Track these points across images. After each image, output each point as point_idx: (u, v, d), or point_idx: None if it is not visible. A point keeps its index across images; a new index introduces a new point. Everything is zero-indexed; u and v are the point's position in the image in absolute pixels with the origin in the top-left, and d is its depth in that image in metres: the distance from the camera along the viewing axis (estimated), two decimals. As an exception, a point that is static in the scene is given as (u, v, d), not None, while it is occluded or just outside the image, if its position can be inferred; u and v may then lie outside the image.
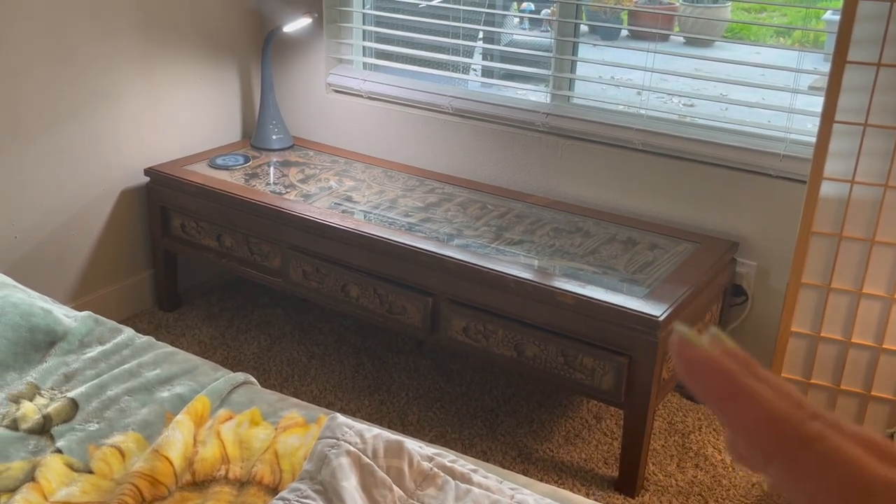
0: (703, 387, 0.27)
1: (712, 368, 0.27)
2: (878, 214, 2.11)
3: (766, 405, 0.26)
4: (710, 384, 0.27)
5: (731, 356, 0.27)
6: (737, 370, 0.27)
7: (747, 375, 0.27)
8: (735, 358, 0.27)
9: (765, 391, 0.26)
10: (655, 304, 1.95)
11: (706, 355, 0.27)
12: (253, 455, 1.41)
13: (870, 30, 2.00)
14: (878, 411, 2.23)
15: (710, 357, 0.27)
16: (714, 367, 0.27)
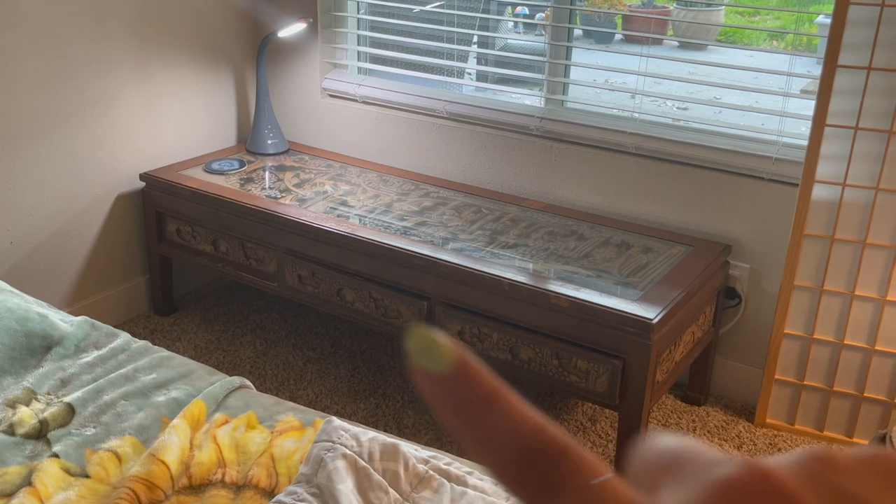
0: (449, 401, 0.23)
1: (465, 380, 0.23)
2: (869, 217, 2.12)
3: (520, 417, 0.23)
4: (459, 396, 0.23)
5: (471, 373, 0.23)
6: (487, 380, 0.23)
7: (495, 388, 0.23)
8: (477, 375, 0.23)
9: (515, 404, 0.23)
10: (649, 307, 1.96)
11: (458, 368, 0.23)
12: (249, 459, 1.42)
13: (861, 34, 2.02)
14: (870, 412, 2.25)
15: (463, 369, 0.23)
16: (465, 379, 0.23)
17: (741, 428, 2.35)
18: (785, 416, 2.34)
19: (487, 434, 0.23)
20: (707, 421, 2.38)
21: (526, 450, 0.23)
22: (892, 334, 2.17)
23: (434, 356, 0.23)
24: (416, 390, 0.23)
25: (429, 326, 0.23)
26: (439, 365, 0.23)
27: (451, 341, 0.23)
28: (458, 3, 2.82)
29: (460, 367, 0.23)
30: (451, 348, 0.23)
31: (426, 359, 0.23)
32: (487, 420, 0.23)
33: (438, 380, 0.23)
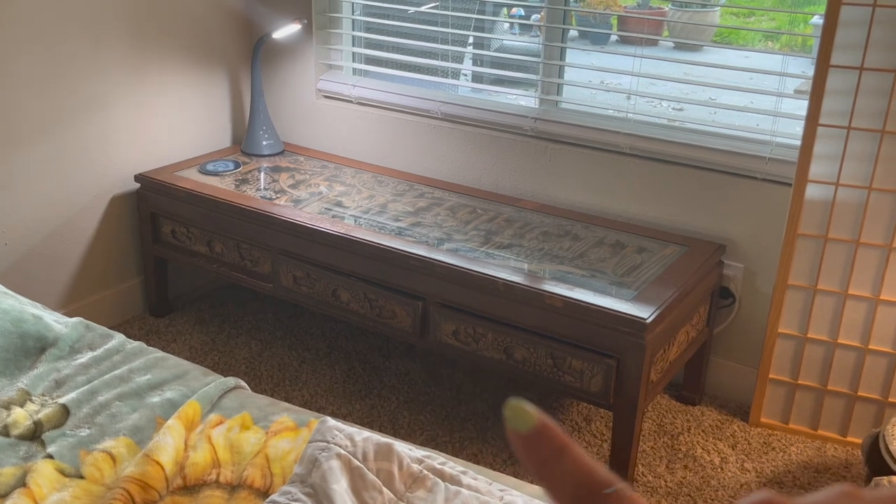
0: (532, 453, 0.30)
1: (542, 436, 0.30)
2: (862, 216, 2.13)
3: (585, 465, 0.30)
4: (538, 448, 0.30)
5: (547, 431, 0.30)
6: (558, 433, 0.30)
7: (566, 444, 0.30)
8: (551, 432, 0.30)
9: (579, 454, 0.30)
10: (643, 306, 1.97)
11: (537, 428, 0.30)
12: (244, 459, 1.42)
13: (853, 34, 2.03)
14: (864, 411, 2.25)
15: (540, 427, 0.30)
16: (542, 435, 0.30)
17: (735, 427, 2.36)
18: (779, 416, 2.35)
19: (557, 475, 0.30)
20: (701, 420, 2.39)
21: (581, 486, 0.29)
22: (886, 333, 2.17)
23: (522, 419, 0.30)
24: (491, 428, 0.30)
25: (520, 399, 0.31)
26: (527, 426, 0.30)
27: (536, 409, 0.31)
28: (453, 5, 2.83)
29: (541, 427, 0.30)
30: (535, 413, 0.31)
31: (517, 421, 0.30)
32: (557, 465, 0.30)
33: (526, 437, 0.30)
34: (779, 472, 2.19)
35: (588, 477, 0.29)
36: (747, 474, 2.18)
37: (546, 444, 0.30)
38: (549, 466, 0.30)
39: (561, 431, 0.30)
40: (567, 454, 0.30)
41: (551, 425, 0.30)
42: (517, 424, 0.30)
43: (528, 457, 0.30)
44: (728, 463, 2.22)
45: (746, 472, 2.19)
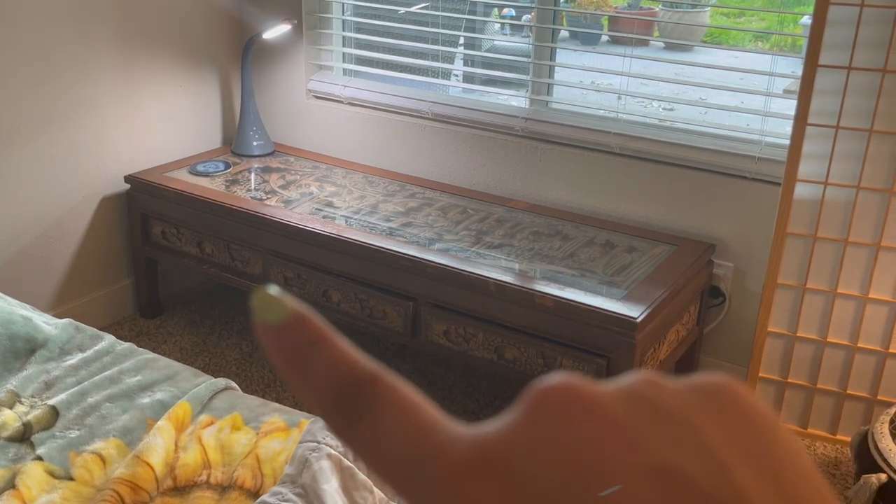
0: (282, 347, 0.26)
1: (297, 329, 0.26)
2: (850, 215, 2.14)
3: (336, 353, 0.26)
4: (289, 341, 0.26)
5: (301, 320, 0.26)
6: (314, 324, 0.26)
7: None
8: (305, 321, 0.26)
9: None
10: (633, 305, 1.97)
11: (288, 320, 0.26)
12: (234, 460, 1.42)
13: (841, 34, 2.04)
14: (853, 409, 2.26)
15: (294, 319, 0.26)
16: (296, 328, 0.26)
17: (726, 426, 2.36)
18: (769, 414, 2.36)
19: (309, 372, 0.25)
20: (692, 419, 2.39)
21: (340, 383, 0.25)
22: (874, 331, 2.19)
23: (272, 309, 0.26)
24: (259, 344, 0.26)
25: (269, 285, 0.26)
26: (276, 317, 0.26)
27: (289, 297, 0.26)
28: (443, 5, 2.83)
29: (293, 317, 0.26)
30: (287, 302, 0.26)
31: (266, 313, 0.26)
32: (311, 360, 0.25)
33: (274, 329, 0.25)
34: (769, 470, 2.20)
35: (347, 373, 0.25)
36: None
37: (300, 337, 0.25)
38: (302, 362, 0.25)
39: (320, 322, 0.26)
40: (323, 346, 0.25)
41: (308, 315, 0.26)
42: (266, 316, 0.25)
43: (276, 352, 0.26)
44: (718, 461, 2.22)
45: (737, 470, 2.19)
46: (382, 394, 0.25)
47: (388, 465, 0.24)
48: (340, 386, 0.25)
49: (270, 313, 0.26)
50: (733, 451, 0.23)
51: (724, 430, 0.24)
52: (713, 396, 0.25)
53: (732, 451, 0.23)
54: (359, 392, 0.25)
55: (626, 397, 0.24)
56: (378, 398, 0.25)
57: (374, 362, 0.26)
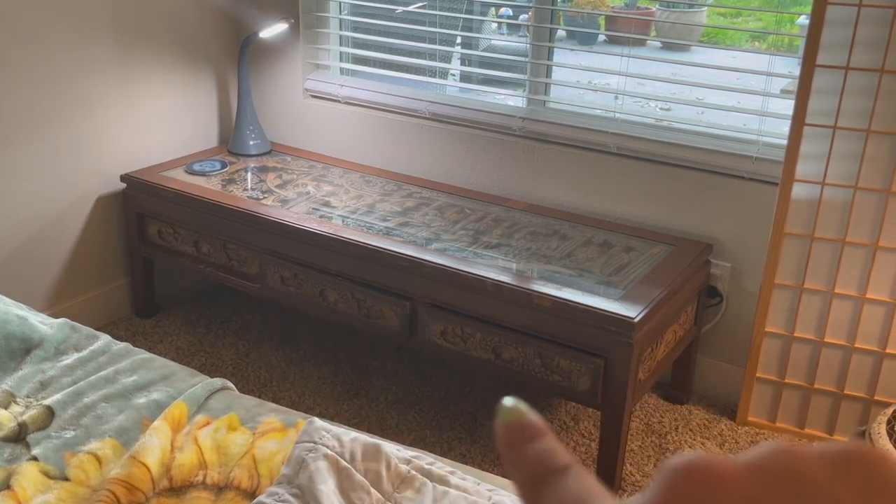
0: (510, 439, 0.31)
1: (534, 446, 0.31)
2: (848, 215, 2.14)
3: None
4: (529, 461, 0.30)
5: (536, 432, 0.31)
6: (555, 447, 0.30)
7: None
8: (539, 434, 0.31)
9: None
10: (631, 305, 1.97)
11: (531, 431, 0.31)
12: (231, 460, 1.41)
13: (839, 34, 2.04)
14: (850, 409, 2.26)
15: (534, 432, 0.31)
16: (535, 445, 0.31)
17: (723, 426, 2.37)
18: (766, 414, 2.36)
19: (522, 457, 0.30)
20: (689, 419, 2.39)
21: (542, 469, 0.29)
22: (872, 332, 2.19)
23: (512, 415, 0.31)
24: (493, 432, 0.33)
25: (515, 399, 0.32)
26: (512, 420, 0.31)
27: (529, 409, 0.32)
28: (441, 4, 2.83)
29: (526, 421, 0.31)
30: (525, 413, 0.31)
31: (506, 416, 0.31)
32: (526, 449, 0.30)
33: (508, 427, 0.31)
34: (766, 470, 2.20)
35: (550, 462, 0.29)
36: None
37: (525, 433, 0.30)
38: (518, 450, 0.30)
39: (545, 428, 0.31)
40: (538, 441, 0.30)
41: (540, 424, 0.31)
42: (507, 418, 0.31)
43: (504, 441, 0.31)
44: (716, 462, 2.22)
45: (734, 470, 2.19)
46: (567, 478, 0.29)
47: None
48: (540, 471, 0.29)
49: (511, 417, 0.31)
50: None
51: (862, 498, 0.24)
52: (850, 464, 0.25)
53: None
54: (552, 475, 0.29)
55: (760, 471, 0.24)
56: (563, 481, 0.29)
57: (573, 459, 0.30)
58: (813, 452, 0.25)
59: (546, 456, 0.30)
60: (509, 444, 0.31)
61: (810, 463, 0.24)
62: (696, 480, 0.24)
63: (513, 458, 0.30)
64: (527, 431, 0.31)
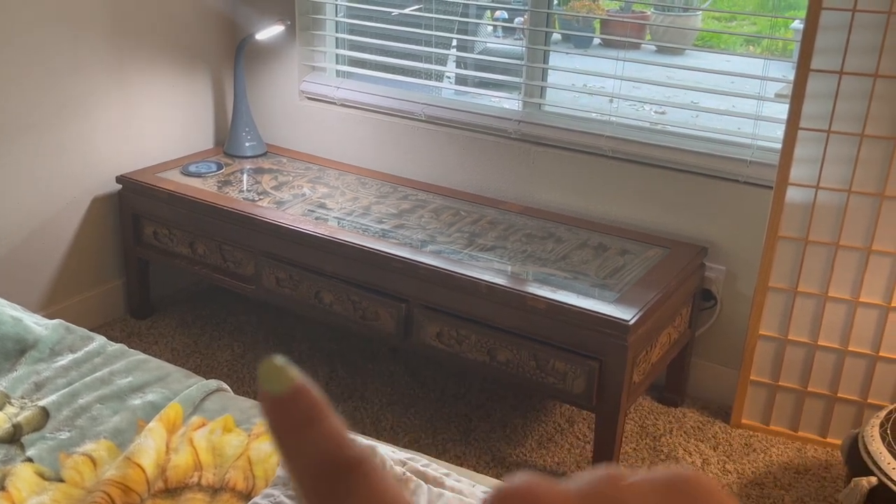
0: (280, 418, 0.27)
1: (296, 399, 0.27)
2: (842, 219, 2.15)
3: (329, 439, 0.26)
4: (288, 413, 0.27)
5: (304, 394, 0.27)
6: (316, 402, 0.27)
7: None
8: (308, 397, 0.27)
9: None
10: (625, 308, 1.97)
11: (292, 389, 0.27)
12: (226, 462, 1.41)
13: (833, 39, 2.05)
14: (843, 412, 2.27)
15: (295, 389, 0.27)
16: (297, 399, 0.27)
17: (717, 429, 2.37)
18: (760, 417, 2.37)
19: (298, 447, 0.26)
20: (683, 422, 2.40)
21: (325, 463, 0.26)
22: (865, 335, 2.19)
23: (277, 379, 0.26)
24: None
25: (281, 357, 0.27)
26: (280, 387, 0.26)
27: (295, 369, 0.27)
28: (436, 7, 2.83)
29: (295, 390, 0.26)
30: (292, 374, 0.27)
31: (271, 382, 0.27)
32: (302, 435, 0.26)
33: (276, 400, 0.26)
34: (759, 473, 2.21)
35: (336, 453, 0.26)
36: (728, 475, 2.19)
37: (298, 411, 0.26)
38: (294, 435, 0.26)
39: (320, 399, 0.27)
40: (318, 425, 0.26)
41: (310, 390, 0.27)
42: (272, 385, 0.26)
43: (274, 422, 0.26)
44: (709, 464, 2.23)
45: (728, 473, 2.20)
46: (360, 481, 0.26)
47: None
48: (323, 467, 0.26)
49: (276, 383, 0.27)
50: None
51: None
52: (677, 493, 0.25)
53: None
54: (339, 477, 0.26)
55: (585, 498, 0.24)
56: (355, 484, 0.25)
57: (361, 448, 0.26)
58: (641, 480, 0.25)
59: (332, 445, 0.26)
60: (282, 426, 0.26)
61: (637, 493, 0.24)
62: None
63: (287, 445, 0.26)
64: (302, 407, 0.26)
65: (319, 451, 0.26)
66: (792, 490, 2.15)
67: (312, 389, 0.27)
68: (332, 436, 0.26)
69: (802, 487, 2.16)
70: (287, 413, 0.26)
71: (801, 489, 2.15)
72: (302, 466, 0.26)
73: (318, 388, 0.27)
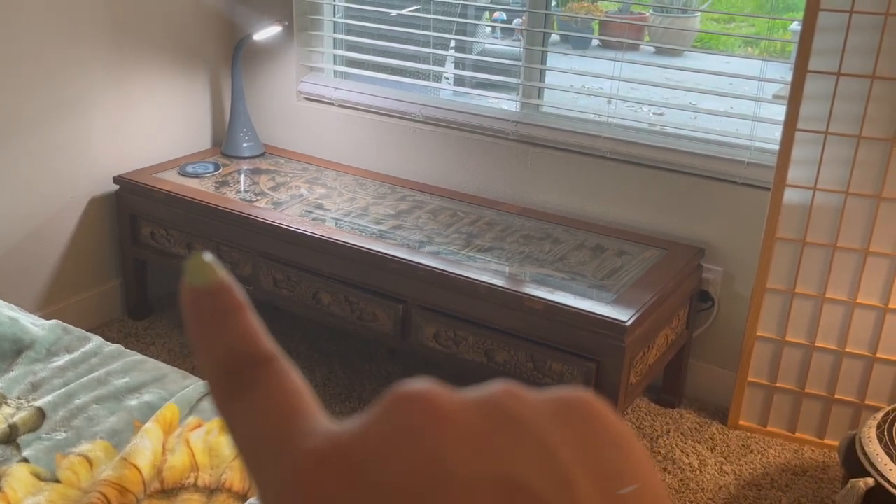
0: (199, 309, 0.27)
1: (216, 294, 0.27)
2: (839, 221, 2.15)
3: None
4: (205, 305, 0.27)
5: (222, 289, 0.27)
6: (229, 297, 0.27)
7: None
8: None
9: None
10: (623, 309, 1.97)
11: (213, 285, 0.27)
12: (222, 462, 1.41)
13: (831, 40, 2.05)
14: (841, 413, 2.27)
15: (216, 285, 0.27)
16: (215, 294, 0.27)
17: (714, 430, 2.37)
18: (757, 418, 2.37)
19: (213, 338, 0.26)
20: (681, 423, 2.40)
21: (236, 354, 0.26)
22: (863, 336, 2.20)
23: (202, 273, 0.27)
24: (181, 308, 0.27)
25: (205, 252, 0.27)
26: (204, 280, 0.27)
27: (220, 267, 0.27)
28: (434, 8, 2.83)
29: (218, 284, 0.27)
30: (217, 270, 0.27)
31: (195, 275, 0.27)
32: (219, 327, 0.26)
33: (196, 291, 0.26)
34: (757, 474, 2.21)
35: (249, 346, 0.26)
36: (726, 477, 2.19)
37: (218, 304, 0.26)
38: (211, 326, 0.26)
39: (241, 297, 0.27)
40: (236, 318, 0.26)
41: (232, 287, 0.27)
42: (195, 278, 0.27)
43: (192, 312, 0.26)
44: (707, 465, 2.23)
45: (725, 474, 2.20)
46: (268, 375, 0.26)
47: (249, 442, 0.25)
48: (235, 357, 0.26)
49: (200, 276, 0.27)
50: (581, 468, 0.24)
51: (575, 445, 0.24)
52: (569, 411, 0.25)
53: (580, 467, 0.24)
54: (249, 368, 0.26)
55: (481, 407, 0.24)
56: (263, 378, 0.25)
57: (276, 347, 0.26)
58: (537, 397, 0.25)
59: (245, 338, 0.26)
60: (200, 317, 0.26)
61: (532, 406, 0.25)
62: (417, 408, 0.24)
63: (203, 335, 0.26)
64: (223, 300, 0.26)
65: (232, 343, 0.26)
66: (789, 491, 2.15)
67: (235, 288, 0.27)
68: (248, 331, 0.26)
69: (799, 489, 2.16)
70: (207, 305, 0.26)
71: (798, 490, 2.15)
72: (214, 357, 0.26)
73: (241, 290, 0.27)
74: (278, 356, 0.26)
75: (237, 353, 0.26)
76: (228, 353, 0.26)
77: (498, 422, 0.24)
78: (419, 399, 0.24)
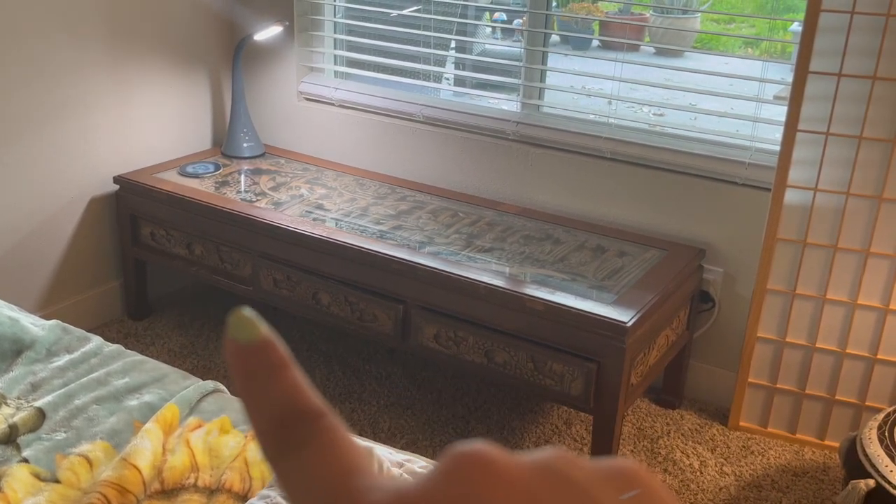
0: (245, 364, 0.27)
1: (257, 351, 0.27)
2: (840, 221, 2.15)
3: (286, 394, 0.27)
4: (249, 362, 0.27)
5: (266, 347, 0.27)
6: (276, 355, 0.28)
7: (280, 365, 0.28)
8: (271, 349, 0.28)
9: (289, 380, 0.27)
10: (623, 310, 1.97)
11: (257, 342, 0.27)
12: (223, 463, 1.41)
13: (832, 41, 2.05)
14: (841, 415, 2.27)
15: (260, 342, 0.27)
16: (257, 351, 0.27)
17: (715, 431, 2.37)
18: (758, 419, 2.36)
19: (262, 394, 0.27)
20: (681, 424, 2.40)
21: (286, 410, 0.26)
22: (863, 337, 2.19)
23: (246, 329, 0.27)
24: None
25: (246, 307, 0.28)
26: (247, 336, 0.27)
27: (263, 322, 0.28)
28: (435, 8, 2.83)
29: (262, 341, 0.27)
30: (260, 326, 0.28)
31: (239, 331, 0.27)
32: (267, 384, 0.27)
33: (240, 347, 0.27)
34: (757, 475, 2.21)
35: (298, 402, 0.27)
36: (726, 478, 2.19)
37: (264, 360, 0.27)
38: (259, 382, 0.27)
39: (285, 352, 0.28)
40: (282, 374, 0.27)
41: (276, 344, 0.27)
42: (239, 334, 0.27)
43: (239, 368, 0.27)
44: (707, 467, 2.23)
45: (725, 475, 2.20)
46: (321, 432, 0.26)
47: (307, 498, 0.25)
48: (285, 414, 0.26)
49: (243, 332, 0.27)
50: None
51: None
52: (620, 477, 0.26)
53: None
54: (300, 424, 0.26)
55: (537, 470, 0.25)
56: (316, 435, 0.26)
57: (324, 402, 0.27)
58: (590, 464, 0.26)
59: (294, 395, 0.27)
60: (246, 373, 0.27)
61: (585, 471, 0.26)
62: (478, 468, 0.25)
63: (250, 391, 0.27)
64: (268, 356, 0.27)
65: (282, 399, 0.26)
66: (790, 492, 2.15)
67: (279, 344, 0.27)
68: (296, 386, 0.27)
69: (800, 490, 2.16)
70: (252, 361, 0.27)
71: (799, 491, 2.15)
72: (263, 413, 0.26)
73: (283, 344, 0.28)
74: (328, 412, 0.27)
75: (287, 409, 0.26)
76: (278, 410, 0.26)
77: (554, 484, 0.25)
78: (480, 460, 0.25)
